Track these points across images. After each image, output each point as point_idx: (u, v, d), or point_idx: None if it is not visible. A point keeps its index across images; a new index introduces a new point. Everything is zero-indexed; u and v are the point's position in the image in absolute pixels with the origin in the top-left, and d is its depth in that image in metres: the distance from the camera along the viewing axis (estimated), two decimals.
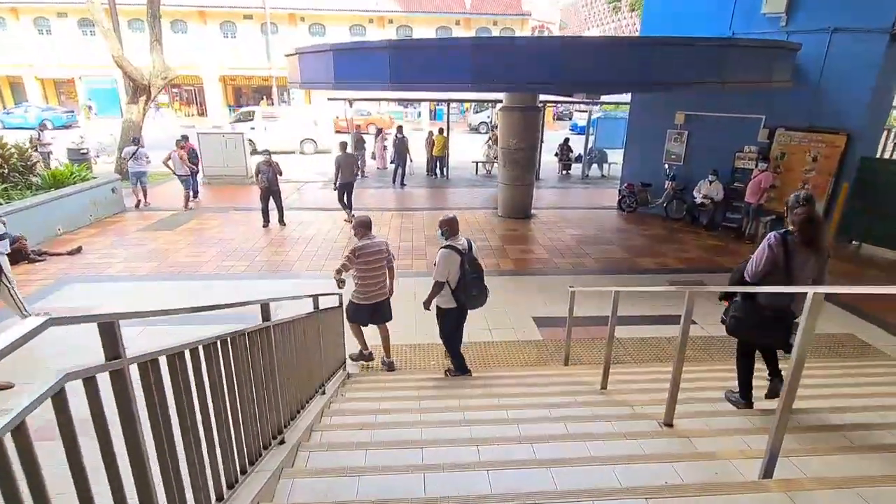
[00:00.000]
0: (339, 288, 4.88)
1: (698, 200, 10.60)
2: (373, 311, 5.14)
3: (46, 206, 9.29)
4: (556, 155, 17.04)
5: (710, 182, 10.35)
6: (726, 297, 3.68)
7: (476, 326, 6.20)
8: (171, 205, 12.19)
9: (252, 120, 20.77)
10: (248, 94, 37.92)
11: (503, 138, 10.96)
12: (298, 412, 3.20)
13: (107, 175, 11.74)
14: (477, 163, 17.07)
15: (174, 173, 12.04)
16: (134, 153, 12.09)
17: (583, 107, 36.18)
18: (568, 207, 12.60)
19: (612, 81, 6.51)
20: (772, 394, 3.55)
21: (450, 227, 4.62)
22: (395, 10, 34.01)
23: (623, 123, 16.43)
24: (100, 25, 13.79)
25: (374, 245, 4.98)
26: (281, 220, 10.59)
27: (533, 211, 11.78)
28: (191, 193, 12.14)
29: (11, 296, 5.91)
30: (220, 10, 33.09)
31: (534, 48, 6.35)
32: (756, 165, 9.60)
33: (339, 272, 4.92)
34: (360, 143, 15.75)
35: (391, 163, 15.44)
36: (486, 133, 28.84)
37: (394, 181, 14.93)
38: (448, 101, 16.43)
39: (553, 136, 23.69)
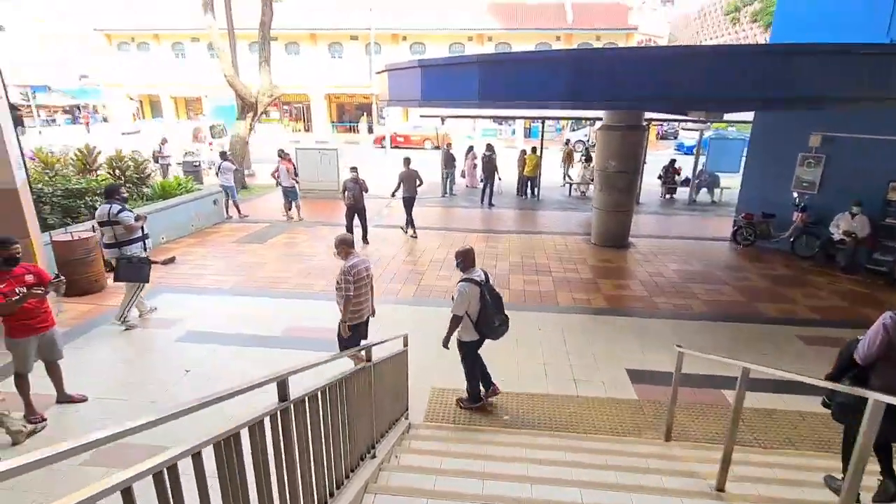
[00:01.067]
0: (346, 335, 4.89)
1: (836, 236, 8.94)
2: (364, 329, 5.09)
3: (154, 215, 9.91)
4: (660, 177, 15.62)
5: (853, 215, 8.67)
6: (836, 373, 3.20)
7: (559, 375, 5.45)
8: (266, 216, 12.69)
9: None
10: (350, 111, 39.79)
11: (601, 159, 10.06)
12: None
13: (209, 187, 12.44)
14: (571, 183, 16.12)
15: (279, 185, 12.51)
16: (219, 167, 12.67)
17: (691, 125, 33.60)
18: (671, 237, 11.31)
19: (741, 97, 5.50)
20: (882, 497, 2.95)
21: (465, 259, 4.58)
22: (495, 28, 33.95)
23: (739, 144, 14.68)
24: (216, 48, 14.85)
25: (362, 262, 4.89)
26: (364, 238, 10.50)
27: (630, 239, 10.69)
28: (291, 205, 12.50)
29: (132, 296, 6.39)
30: (330, 32, 35.13)
31: (644, 59, 5.53)
32: None
33: (344, 321, 4.90)
34: (449, 161, 15.51)
35: (481, 181, 15.00)
36: (580, 153, 27.65)
37: (482, 201, 14.45)
38: (543, 119, 15.73)
39: (656, 156, 21.99)
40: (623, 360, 5.78)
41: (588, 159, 16.76)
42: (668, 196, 15.59)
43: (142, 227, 6.38)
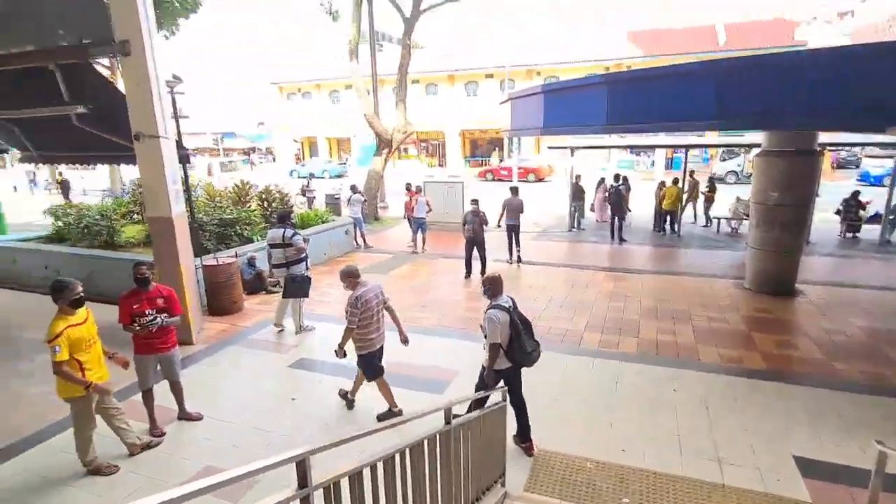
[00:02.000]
0: (341, 358, 4.89)
1: None
2: (381, 355, 5.12)
3: None
4: (839, 212, 13.02)
5: None
6: None
7: (698, 452, 4.42)
8: (392, 248, 13.07)
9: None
10: (482, 146, 40.69)
11: (759, 190, 8.56)
12: None
13: (342, 219, 13.21)
14: (720, 218, 14.20)
15: (411, 217, 12.69)
16: (349, 200, 13.33)
17: (878, 151, 28.17)
18: (854, 285, 9.16)
19: None
20: None
21: (493, 286, 4.55)
22: (635, 56, 32.39)
23: None
24: (357, 90, 16.05)
25: (371, 291, 4.93)
26: (483, 272, 10.16)
27: (798, 286, 8.86)
28: (420, 238, 12.75)
29: (286, 307, 7.28)
30: (467, 72, 36.55)
31: (833, 62, 4.34)
32: None
33: (342, 347, 4.89)
34: (578, 194, 14.68)
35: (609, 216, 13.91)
36: (734, 182, 24.56)
37: (612, 236, 13.33)
38: (686, 147, 14.18)
39: (832, 188, 18.63)
40: (789, 443, 4.52)
41: (712, 190, 14.75)
42: (849, 235, 12.90)
43: (305, 249, 7.15)
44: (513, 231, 11.03)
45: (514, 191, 11.17)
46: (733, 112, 4.75)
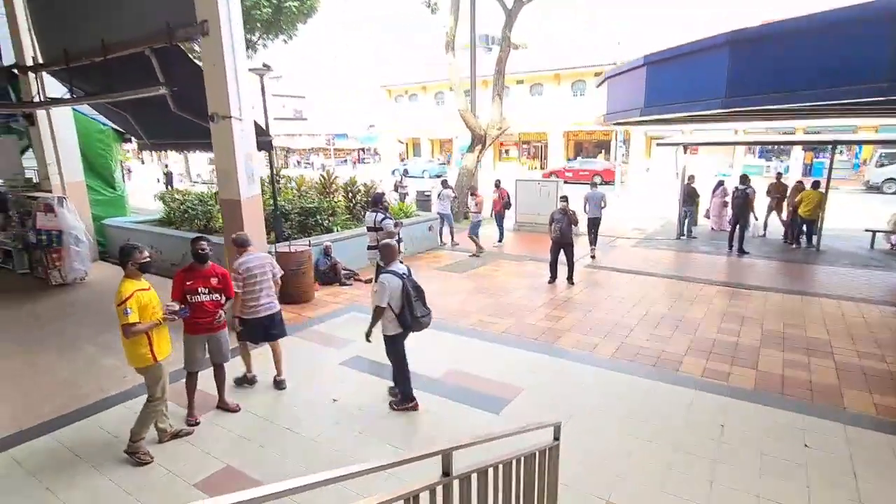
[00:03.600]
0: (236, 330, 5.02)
1: None
2: (266, 326, 5.12)
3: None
4: None
5: None
6: None
7: None
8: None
9: None
10: (588, 149, 38.59)
11: None
12: None
13: (426, 215, 12.77)
14: (875, 232, 11.61)
15: (497, 215, 12.79)
16: (440, 194, 12.88)
17: None
18: None
19: None
20: None
21: (386, 253, 4.71)
22: None
23: None
24: (452, 83, 15.58)
25: (256, 258, 5.05)
26: (570, 278, 9.10)
27: None
28: (447, 231, 12.71)
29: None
30: (574, 70, 34.84)
31: None
32: None
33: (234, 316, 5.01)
34: (690, 197, 12.89)
35: (729, 223, 11.98)
36: (894, 192, 20.40)
37: (730, 246, 11.43)
38: (834, 143, 11.73)
39: None
40: None
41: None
42: None
43: (398, 233, 7.11)
44: (593, 225, 11.11)
45: (594, 185, 11.78)
46: None
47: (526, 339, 6.53)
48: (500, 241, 12.66)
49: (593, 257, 11.00)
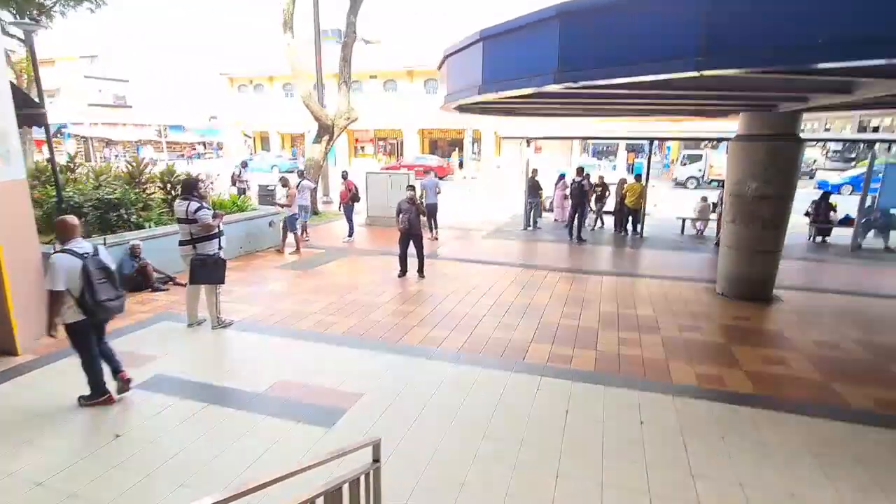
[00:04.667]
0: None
1: None
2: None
3: None
4: (808, 214, 12.23)
5: None
6: None
7: None
8: (328, 243, 11.50)
9: None
10: (443, 147, 39.37)
11: (736, 181, 7.43)
12: None
13: (266, 209, 11.48)
14: (684, 219, 13.22)
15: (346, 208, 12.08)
16: (298, 185, 11.97)
17: (833, 163, 28.44)
18: (836, 291, 8.16)
19: None
20: None
21: (61, 231, 4.15)
22: None
23: None
24: (292, 67, 14.32)
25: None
26: (420, 271, 8.68)
27: (776, 292, 7.77)
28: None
29: (216, 298, 6.10)
30: (427, 68, 35.12)
31: None
32: None
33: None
34: (533, 190, 13.44)
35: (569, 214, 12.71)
36: (695, 188, 23.97)
37: (570, 235, 12.10)
38: (651, 140, 13.14)
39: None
40: (796, 498, 3.20)
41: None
42: (819, 239, 12.11)
43: (219, 227, 6.04)
44: (431, 211, 11.81)
45: (427, 174, 12.81)
46: (729, 44, 3.46)
47: (370, 338, 5.88)
48: (349, 236, 11.87)
49: (436, 239, 11.78)
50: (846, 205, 13.87)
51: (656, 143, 28.74)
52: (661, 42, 3.74)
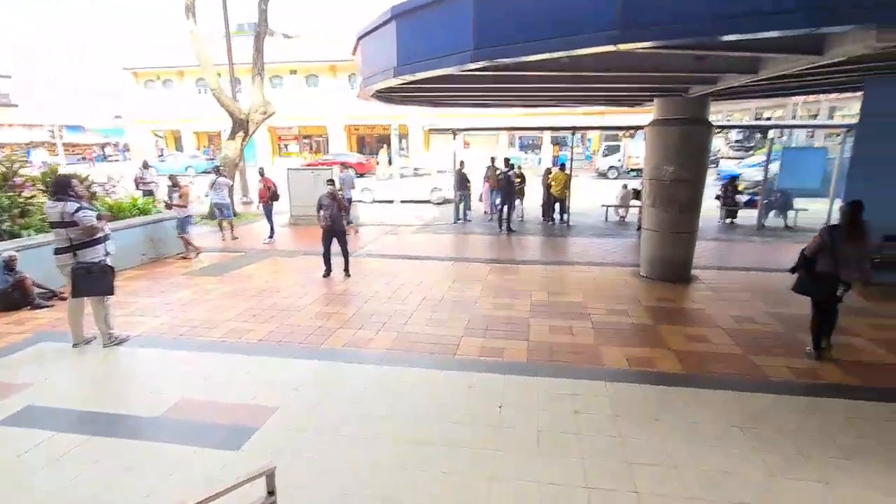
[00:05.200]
0: None
1: None
2: None
3: None
4: (718, 197, 12.96)
5: None
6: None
7: None
8: (246, 245, 10.74)
9: None
10: (370, 143, 38.59)
11: (654, 166, 7.62)
12: None
13: (171, 213, 10.49)
14: (608, 207, 13.61)
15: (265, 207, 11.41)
16: (213, 183, 11.29)
17: (734, 153, 30.78)
18: (747, 268, 8.62)
19: None
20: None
21: None
22: None
23: (820, 155, 11.98)
24: (197, 56, 13.26)
25: None
26: (346, 269, 8.23)
27: (693, 271, 8.07)
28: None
29: (104, 311, 5.38)
30: (350, 62, 34.20)
31: None
32: None
33: None
34: (462, 183, 13.30)
35: (497, 205, 12.68)
36: (615, 177, 25.01)
37: (500, 226, 12.08)
38: (573, 131, 13.41)
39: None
40: (734, 485, 3.17)
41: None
42: (728, 221, 12.87)
43: (104, 230, 5.39)
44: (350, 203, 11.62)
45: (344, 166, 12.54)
46: (643, 18, 3.36)
47: (289, 345, 5.40)
48: (270, 237, 11.14)
49: (356, 232, 11.58)
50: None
51: (578, 135, 29.75)
52: (576, 17, 3.60)
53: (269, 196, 11.16)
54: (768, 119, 34.45)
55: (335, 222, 7.95)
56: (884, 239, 7.39)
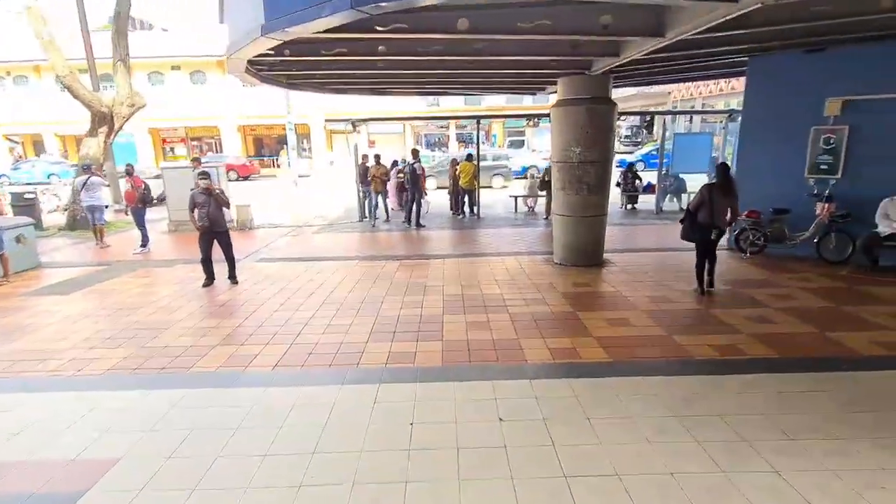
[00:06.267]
0: None
1: (885, 231, 6.56)
2: None
3: None
4: (619, 184, 13.28)
5: None
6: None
7: None
8: (114, 255, 9.15)
9: None
10: (270, 145, 36.27)
11: (561, 148, 7.35)
12: None
13: (9, 219, 8.67)
14: (516, 197, 13.45)
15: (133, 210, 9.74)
16: (85, 183, 9.59)
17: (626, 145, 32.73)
18: (655, 249, 8.69)
19: None
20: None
21: None
22: None
23: (706, 140, 12.65)
24: (36, 36, 11.19)
25: None
26: (232, 276, 7.11)
27: (605, 255, 7.95)
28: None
29: None
30: None
31: None
32: None
33: None
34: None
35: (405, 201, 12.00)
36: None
37: (408, 222, 11.43)
38: (477, 118, 13.06)
39: None
40: (685, 490, 2.73)
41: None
42: (629, 207, 13.23)
43: None
44: None
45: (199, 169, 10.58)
46: None
47: (146, 373, 4.32)
48: (143, 246, 9.55)
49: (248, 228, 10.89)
50: (647, 175, 15.54)
51: (483, 132, 29.96)
52: None
53: (139, 198, 9.57)
54: (651, 117, 37.17)
55: (214, 222, 6.82)
56: (774, 212, 7.71)
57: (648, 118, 36.40)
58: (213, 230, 6.84)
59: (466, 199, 12.64)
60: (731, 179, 5.79)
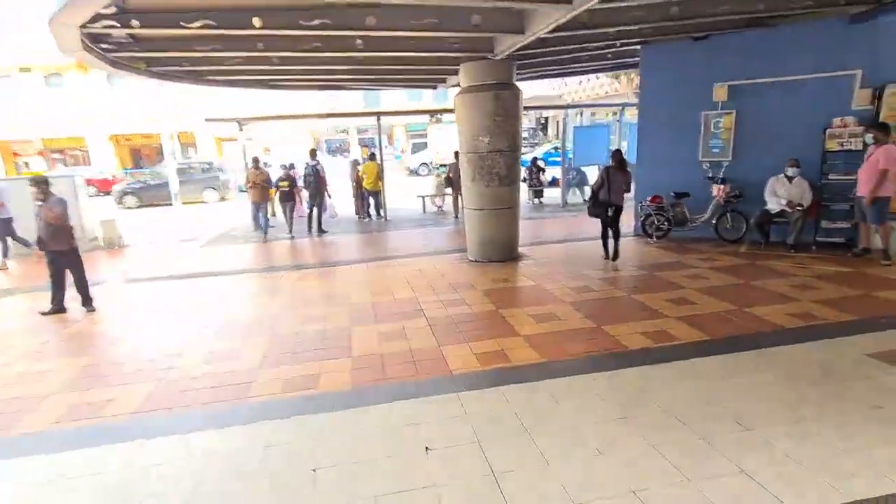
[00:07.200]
0: None
1: (775, 208, 6.87)
2: None
3: None
4: (524, 179, 13.26)
5: (790, 178, 6.71)
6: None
7: None
8: None
9: None
10: (150, 156, 32.73)
11: (469, 138, 6.92)
12: None
13: None
14: (424, 197, 12.95)
15: None
16: None
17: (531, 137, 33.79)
18: (566, 240, 8.57)
19: None
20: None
21: None
22: None
23: (604, 132, 13.01)
24: None
25: None
26: (86, 303, 5.81)
27: (519, 249, 7.65)
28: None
29: None
30: None
31: None
32: (874, 142, 6.04)
33: None
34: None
35: (307, 206, 10.99)
36: (427, 174, 25.14)
37: (309, 228, 10.47)
38: (377, 115, 12.34)
39: None
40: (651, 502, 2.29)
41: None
42: (536, 201, 13.27)
43: None
44: None
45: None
46: None
47: None
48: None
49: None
50: (551, 170, 15.79)
51: (385, 136, 29.25)
52: None
53: None
54: (546, 119, 38.91)
55: (56, 239, 5.50)
56: (675, 196, 7.87)
57: (544, 120, 38.07)
58: (49, 249, 5.52)
59: (372, 201, 11.91)
60: (624, 161, 6.63)
